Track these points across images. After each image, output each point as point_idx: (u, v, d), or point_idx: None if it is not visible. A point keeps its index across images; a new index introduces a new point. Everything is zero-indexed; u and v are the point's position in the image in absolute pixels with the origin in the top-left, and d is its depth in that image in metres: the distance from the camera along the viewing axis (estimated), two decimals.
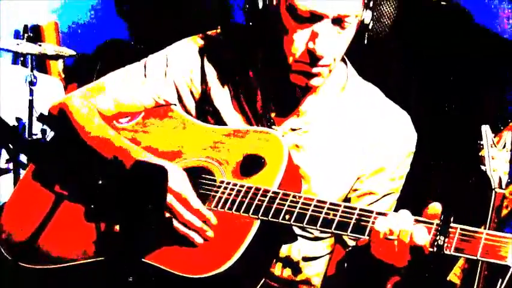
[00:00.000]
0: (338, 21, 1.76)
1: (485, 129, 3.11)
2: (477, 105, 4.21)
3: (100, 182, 1.69)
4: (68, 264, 1.79)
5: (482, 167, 3.09)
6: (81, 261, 1.77)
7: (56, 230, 1.84)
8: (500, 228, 3.05)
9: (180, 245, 1.71)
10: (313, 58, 1.79)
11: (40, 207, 1.86)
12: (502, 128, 3.25)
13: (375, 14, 1.86)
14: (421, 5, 4.32)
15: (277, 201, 1.69)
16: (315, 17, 1.75)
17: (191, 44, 2.05)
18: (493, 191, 3.03)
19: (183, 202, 1.72)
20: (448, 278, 3.45)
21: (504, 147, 3.12)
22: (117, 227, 1.53)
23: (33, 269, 1.83)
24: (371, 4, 1.83)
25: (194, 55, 2.03)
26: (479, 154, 3.12)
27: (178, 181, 1.74)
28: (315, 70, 1.82)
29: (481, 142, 3.10)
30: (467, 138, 3.35)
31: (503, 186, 3.05)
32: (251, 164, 1.80)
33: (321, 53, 1.77)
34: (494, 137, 3.12)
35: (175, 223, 1.72)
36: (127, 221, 1.58)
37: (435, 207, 1.56)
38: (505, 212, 3.42)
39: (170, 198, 1.72)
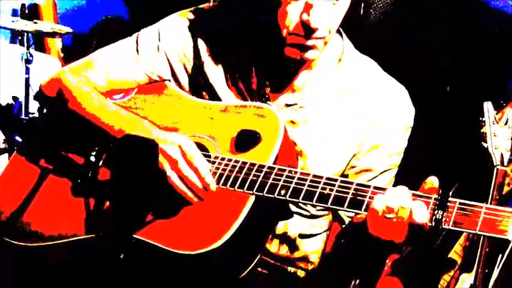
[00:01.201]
0: None
1: (488, 105, 3.09)
2: (479, 81, 4.17)
3: (91, 157, 1.67)
4: (56, 241, 1.77)
5: (484, 144, 3.06)
6: (71, 239, 1.75)
7: (41, 206, 1.82)
8: (501, 205, 3.03)
9: (173, 221, 1.69)
10: (307, 30, 1.76)
11: (27, 184, 1.84)
12: (504, 104, 3.22)
13: None
14: None
15: (273, 176, 1.66)
16: None
17: (184, 18, 2.01)
18: (495, 168, 3.01)
19: (187, 159, 1.69)
20: (449, 256, 3.44)
21: (506, 123, 3.09)
22: (106, 204, 1.50)
23: (19, 245, 1.81)
24: None
25: (187, 29, 1.99)
26: (481, 131, 3.09)
27: (189, 144, 1.71)
28: (309, 42, 1.78)
29: (483, 119, 3.08)
30: (469, 114, 3.32)
31: (505, 163, 3.03)
32: (246, 140, 1.77)
33: (315, 24, 1.74)
34: (497, 113, 3.10)
35: (174, 178, 1.69)
36: (117, 196, 1.56)
37: (432, 182, 1.54)
38: (506, 189, 3.39)
39: (177, 154, 1.69)
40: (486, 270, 2.94)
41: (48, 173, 1.81)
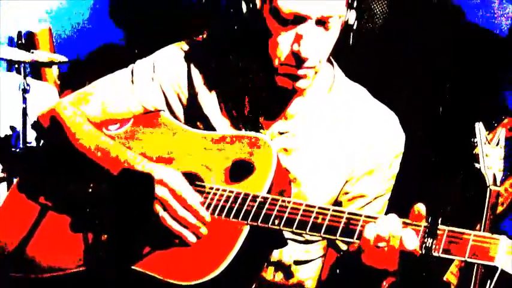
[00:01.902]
0: (321, 22, 1.76)
1: (479, 126, 3.12)
2: (470, 102, 4.20)
3: (89, 190, 1.70)
4: (56, 273, 1.79)
5: (477, 165, 3.09)
6: (70, 271, 1.77)
7: (42, 241, 1.85)
8: (496, 226, 3.05)
9: (170, 252, 1.71)
10: (298, 60, 1.78)
11: (28, 217, 1.87)
12: (495, 125, 3.25)
13: (365, 13, 1.86)
14: (412, 2, 4.33)
15: (267, 206, 1.69)
16: (298, 19, 1.75)
17: (177, 50, 2.05)
18: (488, 189, 3.03)
19: (179, 198, 1.72)
20: (444, 277, 3.45)
21: (498, 144, 3.12)
22: (104, 236, 1.53)
23: (21, 278, 1.83)
24: (355, 4, 1.83)
25: (181, 60, 2.03)
26: (473, 152, 3.12)
27: (175, 179, 1.74)
28: (300, 72, 1.81)
29: (475, 140, 3.10)
30: (461, 136, 3.35)
31: (498, 184, 3.05)
32: (240, 170, 1.80)
33: (306, 54, 1.77)
34: (488, 134, 3.12)
35: (169, 220, 1.72)
36: (115, 229, 1.58)
37: (419, 208, 1.56)
38: (500, 209, 3.42)
39: (166, 194, 1.72)
40: None
41: (47, 209, 1.84)
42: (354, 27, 1.85)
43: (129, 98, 2.04)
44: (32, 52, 4.15)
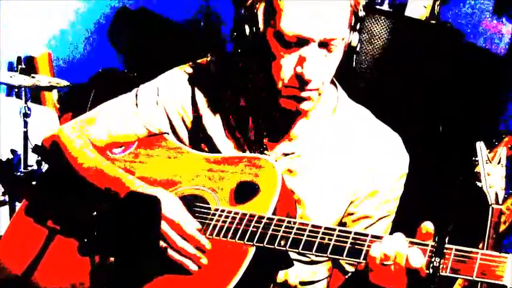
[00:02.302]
0: (324, 44, 1.77)
1: (480, 145, 3.12)
2: (471, 121, 4.22)
3: (93, 214, 1.69)
4: None
5: (478, 184, 3.09)
6: None
7: (51, 264, 1.84)
8: (499, 244, 3.05)
9: (175, 275, 1.71)
10: (301, 82, 1.79)
11: (35, 241, 1.86)
12: (496, 143, 3.26)
13: (364, 35, 1.87)
14: (412, 25, 4.36)
15: (272, 227, 1.69)
16: (301, 42, 1.76)
17: (181, 73, 2.06)
18: (490, 207, 3.03)
19: (177, 228, 1.72)
20: None
21: (499, 163, 3.12)
22: (111, 259, 1.53)
23: None
24: (357, 27, 1.84)
25: (185, 84, 2.04)
26: (475, 171, 3.12)
27: (171, 208, 1.74)
28: (304, 94, 1.82)
29: (476, 158, 3.11)
30: (462, 155, 3.35)
31: (500, 202, 3.05)
32: (245, 191, 1.80)
33: (309, 76, 1.77)
34: (489, 153, 3.13)
35: (170, 251, 1.72)
36: (121, 253, 1.57)
37: (427, 227, 1.56)
38: (503, 227, 3.42)
39: (164, 226, 1.72)
40: None
41: (55, 233, 1.84)
42: (357, 49, 1.86)
43: (133, 121, 2.05)
44: (33, 77, 4.16)
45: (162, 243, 1.72)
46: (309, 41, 1.76)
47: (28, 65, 5.11)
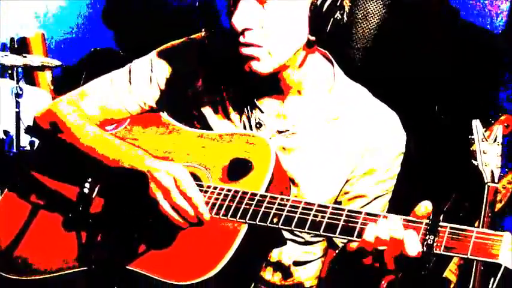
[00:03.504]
0: None
1: (476, 123, 3.11)
2: (467, 100, 4.20)
3: (84, 189, 1.68)
4: (50, 275, 1.77)
5: (474, 162, 3.08)
6: (64, 272, 1.75)
7: (34, 240, 1.83)
8: (494, 223, 3.04)
9: (166, 251, 1.69)
10: (235, 35, 1.76)
11: (19, 217, 1.85)
12: (492, 122, 3.25)
13: (360, 12, 1.83)
14: (408, 2, 4.32)
15: (265, 204, 1.67)
16: None
17: (176, 49, 2.03)
18: (486, 186, 3.02)
19: (181, 189, 1.69)
20: (444, 275, 3.44)
21: (495, 141, 3.11)
22: (98, 235, 1.51)
23: (13, 279, 1.81)
24: None
25: (179, 59, 2.01)
26: (471, 149, 3.11)
27: (183, 173, 1.72)
28: (245, 50, 1.78)
29: (472, 137, 3.10)
30: (458, 133, 3.34)
31: (496, 180, 3.04)
32: (238, 168, 1.78)
33: (237, 25, 1.75)
34: (485, 131, 3.12)
35: (167, 207, 1.69)
36: (110, 227, 1.56)
37: (426, 206, 1.52)
38: (498, 206, 3.41)
39: (170, 183, 1.69)
40: None
41: (39, 208, 1.82)
42: (324, 9, 1.76)
43: (126, 97, 2.02)
44: (25, 56, 4.12)
45: (161, 201, 1.69)
46: None
47: (21, 46, 5.08)
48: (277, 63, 1.81)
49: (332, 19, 1.79)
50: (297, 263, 1.95)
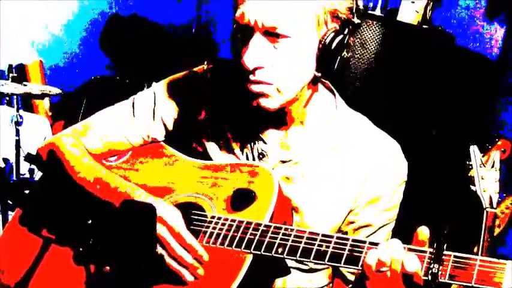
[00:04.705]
0: (269, 34, 1.74)
1: (473, 149, 3.13)
2: (464, 125, 4.23)
3: (89, 222, 1.68)
4: None
5: (472, 188, 3.09)
6: None
7: (46, 274, 1.82)
8: (493, 247, 3.05)
9: (172, 284, 1.69)
10: (245, 73, 1.77)
11: (29, 251, 1.84)
12: (489, 147, 3.27)
13: (357, 40, 1.86)
14: (404, 29, 4.36)
15: (269, 234, 1.67)
16: (245, 28, 1.74)
17: (179, 81, 2.05)
18: (484, 211, 3.03)
19: (176, 236, 1.70)
20: None
21: (493, 166, 3.13)
22: (107, 268, 1.51)
23: None
24: (344, 30, 1.79)
25: (182, 92, 2.03)
26: (469, 175, 3.13)
27: (172, 215, 1.73)
28: (254, 87, 1.78)
29: (470, 162, 3.11)
30: (456, 159, 3.36)
31: (494, 206, 3.06)
32: (242, 198, 1.79)
33: (248, 64, 1.74)
34: (483, 156, 3.14)
35: (167, 258, 1.70)
36: (118, 261, 1.56)
37: (423, 232, 1.55)
38: (497, 231, 3.42)
39: (164, 232, 1.70)
40: None
41: (50, 242, 1.82)
42: (333, 48, 1.78)
43: (129, 130, 2.04)
44: (25, 85, 4.14)
45: (160, 250, 1.71)
46: (253, 29, 1.73)
47: (19, 73, 5.09)
48: (285, 100, 1.82)
49: (339, 57, 1.81)
50: None
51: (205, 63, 2.06)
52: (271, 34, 1.73)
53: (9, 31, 5.11)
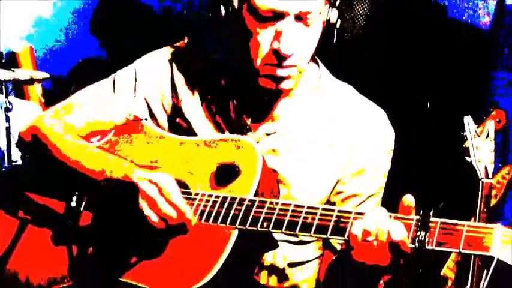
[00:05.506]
0: (300, 18, 1.74)
1: (468, 120, 3.11)
2: (458, 96, 4.20)
3: (72, 203, 1.66)
4: None
5: (468, 158, 3.07)
6: (57, 287, 1.73)
7: (23, 256, 1.81)
8: (490, 218, 3.03)
9: (157, 261, 1.67)
10: (279, 58, 1.76)
11: (8, 235, 1.82)
12: (484, 117, 3.25)
13: (347, 13, 1.84)
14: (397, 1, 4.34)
15: (254, 209, 1.65)
16: (276, 16, 1.73)
17: (159, 56, 2.02)
18: (480, 182, 3.02)
19: (166, 196, 1.67)
20: (442, 273, 3.43)
21: (487, 136, 3.11)
22: (89, 248, 1.50)
23: None
24: (337, 3, 1.82)
25: (163, 67, 2.00)
26: (464, 145, 3.11)
27: (166, 180, 1.70)
28: (281, 73, 1.79)
29: (464, 133, 3.09)
30: (450, 130, 3.34)
31: (490, 176, 3.04)
32: (225, 174, 1.76)
33: (285, 51, 1.74)
34: (477, 127, 3.12)
35: (153, 217, 1.66)
36: (100, 240, 1.55)
37: (408, 200, 1.53)
38: (493, 201, 3.41)
39: (154, 192, 1.67)
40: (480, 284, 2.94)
41: (27, 223, 1.80)
42: (337, 26, 1.83)
43: (111, 108, 2.00)
44: (13, 71, 4.11)
45: (147, 211, 1.67)
46: (284, 14, 1.73)
47: (10, 60, 5.06)
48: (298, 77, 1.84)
49: (340, 33, 1.85)
50: (292, 265, 1.93)
51: (186, 38, 2.03)
52: (302, 18, 1.74)
53: None
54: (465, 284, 3.02)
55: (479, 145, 3.10)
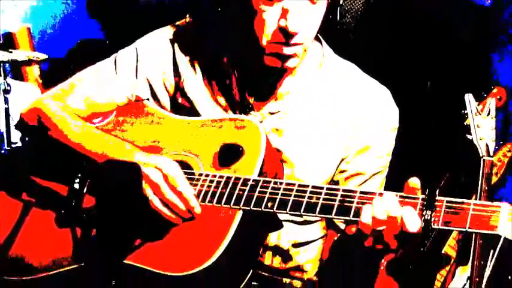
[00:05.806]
0: None
1: (469, 97, 3.09)
2: (459, 74, 4.18)
3: (75, 185, 1.65)
4: (44, 273, 1.74)
5: (469, 136, 3.06)
6: (59, 270, 1.72)
7: (27, 239, 1.80)
8: (491, 196, 3.03)
9: (162, 243, 1.67)
10: (286, 36, 1.74)
11: (11, 217, 1.82)
12: (485, 95, 3.23)
13: None
14: None
15: (258, 189, 1.64)
16: None
17: (160, 36, 2.00)
18: (482, 159, 3.01)
19: (170, 183, 1.66)
20: (443, 251, 3.43)
21: (488, 114, 3.10)
22: (93, 230, 1.49)
23: (8, 280, 1.78)
24: None
25: (165, 47, 1.98)
26: (465, 123, 3.10)
27: (171, 166, 1.68)
28: (288, 51, 1.77)
29: (465, 111, 3.08)
30: (451, 108, 3.32)
31: (491, 154, 3.03)
32: (229, 154, 1.75)
33: (293, 29, 1.72)
34: (478, 105, 3.10)
35: (157, 203, 1.66)
36: (104, 223, 1.54)
37: (414, 182, 1.51)
38: (495, 179, 3.41)
39: (159, 178, 1.66)
40: (482, 262, 2.94)
41: (31, 206, 1.79)
42: (341, 2, 1.82)
43: (112, 89, 1.98)
44: (11, 51, 4.07)
45: (151, 196, 1.66)
46: None
47: (7, 41, 5.03)
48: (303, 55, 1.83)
49: (344, 11, 1.81)
50: (296, 245, 1.93)
51: (188, 16, 2.00)
52: None
53: None
54: (467, 262, 3.03)
55: (480, 123, 3.08)
